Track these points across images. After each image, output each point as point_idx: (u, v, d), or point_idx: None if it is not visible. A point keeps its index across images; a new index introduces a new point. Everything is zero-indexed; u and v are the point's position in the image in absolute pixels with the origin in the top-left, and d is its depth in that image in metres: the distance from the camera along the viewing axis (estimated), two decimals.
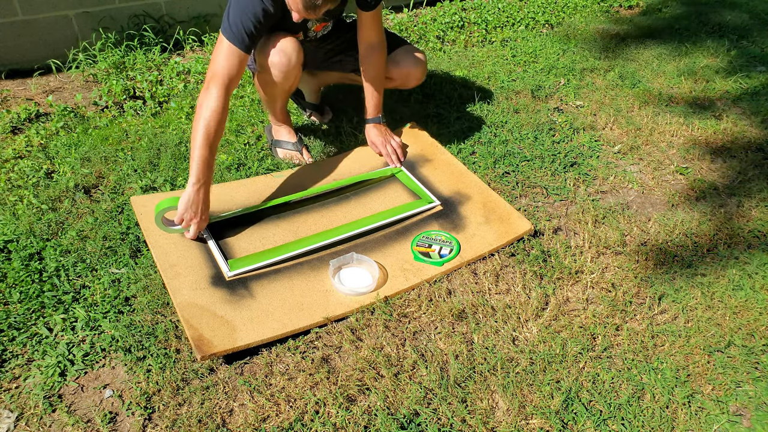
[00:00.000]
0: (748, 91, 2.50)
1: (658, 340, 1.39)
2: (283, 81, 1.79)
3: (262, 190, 1.83)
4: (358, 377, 1.29)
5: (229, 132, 2.14)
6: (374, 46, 1.87)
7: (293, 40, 1.75)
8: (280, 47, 1.72)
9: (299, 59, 1.78)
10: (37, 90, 2.52)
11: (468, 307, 1.46)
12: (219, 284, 1.49)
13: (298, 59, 1.77)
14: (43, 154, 2.05)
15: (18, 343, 1.36)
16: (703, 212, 1.81)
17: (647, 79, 2.62)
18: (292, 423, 1.20)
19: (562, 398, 1.23)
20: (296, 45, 1.76)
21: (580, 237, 1.70)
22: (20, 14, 2.49)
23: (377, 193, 1.87)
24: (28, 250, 1.60)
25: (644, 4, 3.58)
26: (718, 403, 1.25)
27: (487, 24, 3.21)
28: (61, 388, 1.28)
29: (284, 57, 1.73)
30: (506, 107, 2.35)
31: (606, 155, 2.09)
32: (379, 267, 1.55)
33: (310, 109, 2.25)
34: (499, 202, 1.76)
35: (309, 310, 1.44)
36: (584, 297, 1.50)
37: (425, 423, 1.20)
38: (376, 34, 1.86)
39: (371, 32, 1.85)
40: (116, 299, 1.47)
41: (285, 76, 1.78)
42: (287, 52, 1.73)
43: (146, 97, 2.41)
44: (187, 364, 1.32)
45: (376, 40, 1.87)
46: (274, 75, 1.76)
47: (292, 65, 1.76)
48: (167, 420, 1.20)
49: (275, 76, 1.77)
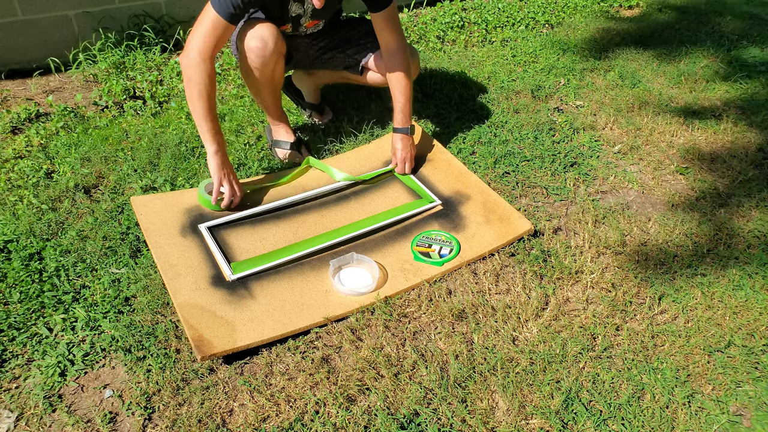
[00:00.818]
0: (748, 91, 2.50)
1: (658, 340, 1.39)
2: (262, 67, 1.74)
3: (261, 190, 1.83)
4: (358, 377, 1.29)
5: (229, 132, 2.14)
6: (392, 50, 1.81)
7: (271, 26, 1.71)
8: (257, 33, 1.69)
9: (278, 46, 1.73)
10: (37, 90, 2.52)
11: (468, 307, 1.46)
12: (219, 284, 1.49)
13: (276, 46, 1.72)
14: (43, 154, 2.05)
15: (18, 343, 1.36)
16: (703, 212, 1.81)
17: (647, 79, 2.62)
18: (292, 423, 1.20)
19: (562, 398, 1.23)
20: (274, 31, 1.71)
21: (580, 237, 1.70)
22: (20, 14, 2.49)
23: (377, 193, 1.87)
24: (28, 250, 1.60)
25: (644, 5, 3.58)
26: (718, 403, 1.25)
27: (487, 24, 3.21)
28: (61, 388, 1.28)
29: (260, 41, 1.69)
30: (506, 107, 2.35)
31: (606, 155, 2.09)
32: (379, 267, 1.55)
33: (310, 109, 2.25)
34: (499, 201, 1.76)
35: (309, 310, 1.44)
36: (584, 297, 1.50)
37: (425, 423, 1.20)
38: (393, 38, 1.80)
39: (386, 35, 1.80)
40: (116, 299, 1.47)
41: (263, 62, 1.73)
42: (264, 37, 1.69)
43: (146, 97, 2.41)
44: (187, 364, 1.32)
45: (394, 44, 1.81)
46: (250, 60, 1.72)
47: (269, 51, 1.71)
48: (167, 420, 1.20)
49: (252, 62, 1.73)
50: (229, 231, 1.67)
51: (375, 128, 2.18)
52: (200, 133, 1.64)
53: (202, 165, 1.97)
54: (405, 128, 1.88)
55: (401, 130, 1.89)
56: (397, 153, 1.90)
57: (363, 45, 1.95)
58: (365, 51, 1.95)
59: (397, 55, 1.82)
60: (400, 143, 1.89)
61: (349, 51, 1.98)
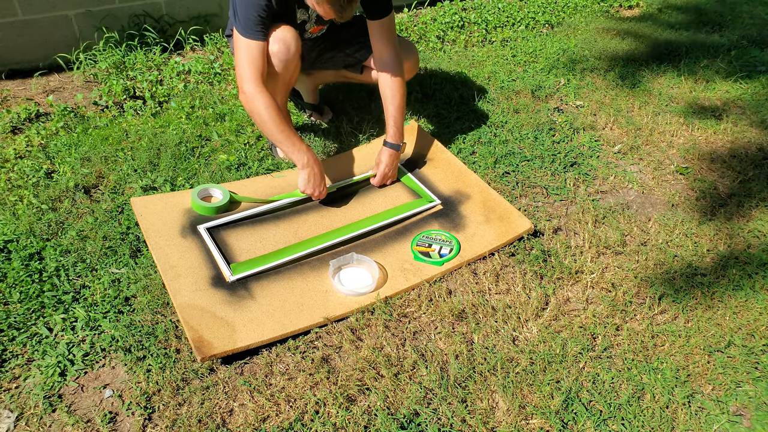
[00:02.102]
0: (748, 91, 2.50)
1: (658, 340, 1.39)
2: (284, 71, 1.73)
3: (262, 190, 1.83)
4: (358, 377, 1.29)
5: (229, 132, 2.14)
6: (385, 61, 1.78)
7: (291, 29, 1.70)
8: (279, 36, 1.67)
9: (298, 49, 1.72)
10: (37, 90, 2.52)
11: (468, 307, 1.46)
12: (219, 285, 1.49)
13: (297, 48, 1.71)
14: (43, 154, 2.05)
15: (18, 343, 1.36)
16: (703, 212, 1.80)
17: (647, 79, 2.62)
18: (292, 423, 1.20)
19: (562, 398, 1.23)
20: (294, 34, 1.70)
21: (580, 237, 1.70)
22: (20, 14, 2.49)
23: (377, 193, 1.87)
24: (28, 250, 1.60)
25: (644, 4, 3.58)
26: (718, 403, 1.25)
27: (487, 24, 3.21)
28: (61, 388, 1.28)
29: (283, 45, 1.67)
30: (506, 107, 2.35)
31: (606, 155, 2.09)
32: (379, 267, 1.55)
33: (309, 109, 2.25)
34: (499, 201, 1.76)
35: (309, 310, 1.44)
36: (584, 297, 1.50)
37: (425, 423, 1.20)
38: (387, 48, 1.77)
39: (381, 45, 1.77)
40: (116, 299, 1.47)
41: (285, 66, 1.72)
42: (286, 40, 1.67)
43: (146, 97, 2.41)
44: (187, 364, 1.32)
45: (388, 54, 1.78)
46: (274, 65, 1.70)
47: (291, 54, 1.70)
48: (167, 420, 1.20)
49: (276, 66, 1.70)
50: (229, 231, 1.67)
51: (375, 128, 2.18)
52: (288, 154, 1.68)
53: (202, 165, 1.97)
54: (397, 144, 1.83)
55: (392, 145, 1.83)
56: (381, 166, 1.84)
57: (363, 43, 1.95)
58: (365, 50, 1.95)
59: (389, 66, 1.78)
60: (388, 158, 1.84)
61: (348, 50, 1.98)
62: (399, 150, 1.86)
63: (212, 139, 2.11)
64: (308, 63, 2.05)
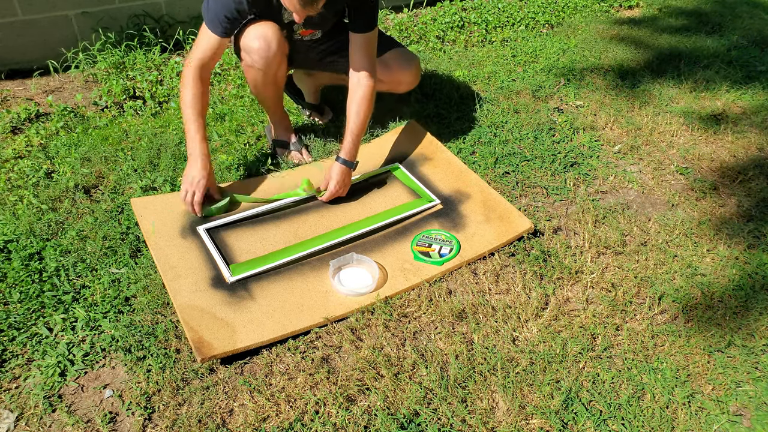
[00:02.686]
0: (748, 91, 2.50)
1: (658, 340, 1.39)
2: (266, 68, 1.73)
3: (262, 190, 1.83)
4: (358, 377, 1.29)
5: (229, 132, 2.14)
6: (360, 77, 1.75)
7: (273, 26, 1.69)
8: (260, 33, 1.67)
9: (281, 46, 1.71)
10: (37, 90, 2.52)
11: (468, 307, 1.46)
12: (219, 286, 1.49)
13: (279, 46, 1.70)
14: (43, 154, 2.05)
15: (18, 343, 1.36)
16: (703, 212, 1.81)
17: (647, 79, 2.62)
18: (292, 423, 1.20)
19: (562, 398, 1.23)
20: (276, 31, 1.69)
21: (580, 237, 1.70)
22: (20, 14, 2.49)
23: (377, 192, 1.87)
24: (28, 250, 1.60)
25: (644, 5, 3.58)
26: (718, 403, 1.25)
27: (487, 24, 3.21)
28: (61, 388, 1.28)
29: (264, 42, 1.67)
30: (506, 107, 2.35)
31: (606, 155, 2.09)
32: (379, 267, 1.55)
33: (310, 109, 2.25)
34: (499, 200, 1.76)
35: (309, 311, 1.44)
36: (584, 297, 1.50)
37: (425, 423, 1.20)
38: (364, 63, 1.74)
39: (359, 58, 1.74)
40: (116, 299, 1.47)
41: (267, 63, 1.71)
42: (267, 37, 1.67)
43: (146, 97, 2.41)
44: (187, 364, 1.32)
45: (364, 70, 1.74)
46: (254, 61, 1.71)
47: (273, 51, 1.69)
48: (167, 420, 1.20)
49: (255, 63, 1.71)
50: (229, 232, 1.67)
51: (375, 128, 2.18)
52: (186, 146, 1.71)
53: None
54: (351, 162, 1.77)
55: (346, 162, 1.75)
56: (331, 183, 1.75)
57: None
58: None
59: (363, 82, 1.75)
60: (339, 176, 1.75)
61: None
62: (352, 168, 1.78)
63: (212, 139, 2.11)
64: (309, 64, 2.05)
